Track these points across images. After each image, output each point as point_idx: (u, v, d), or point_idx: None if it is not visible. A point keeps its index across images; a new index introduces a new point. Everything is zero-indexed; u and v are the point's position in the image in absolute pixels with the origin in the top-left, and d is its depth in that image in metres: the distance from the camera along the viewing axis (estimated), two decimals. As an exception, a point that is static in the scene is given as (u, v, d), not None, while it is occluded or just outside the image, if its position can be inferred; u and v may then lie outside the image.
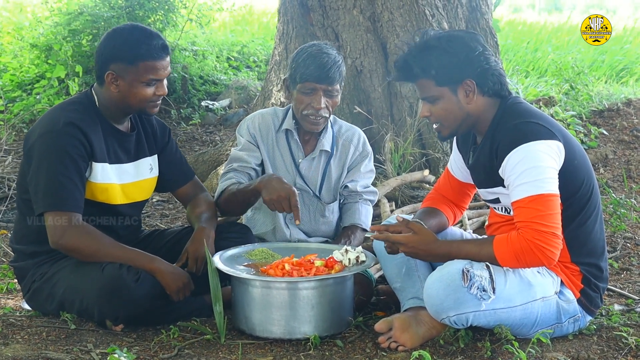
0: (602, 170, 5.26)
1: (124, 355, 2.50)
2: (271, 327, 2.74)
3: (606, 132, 5.69)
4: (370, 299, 3.14)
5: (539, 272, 2.66)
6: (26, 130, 5.92)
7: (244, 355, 2.64)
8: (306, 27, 5.15)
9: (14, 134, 6.17)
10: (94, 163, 2.88)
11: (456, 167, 3.02)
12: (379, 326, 2.71)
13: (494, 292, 2.55)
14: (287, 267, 2.79)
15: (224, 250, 3.00)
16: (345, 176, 3.41)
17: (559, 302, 2.68)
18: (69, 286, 2.84)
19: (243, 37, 9.30)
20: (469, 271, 2.53)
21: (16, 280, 3.20)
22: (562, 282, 2.71)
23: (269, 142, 3.34)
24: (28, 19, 8.14)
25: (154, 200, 5.01)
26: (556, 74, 6.98)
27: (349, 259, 2.85)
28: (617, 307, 3.08)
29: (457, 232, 3.07)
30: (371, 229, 2.84)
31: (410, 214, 3.74)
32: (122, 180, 3.00)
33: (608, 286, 3.18)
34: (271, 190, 2.99)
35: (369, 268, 2.96)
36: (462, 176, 3.01)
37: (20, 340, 2.70)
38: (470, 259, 2.60)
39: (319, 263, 2.83)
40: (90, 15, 6.57)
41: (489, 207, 2.94)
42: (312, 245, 3.17)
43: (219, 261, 2.86)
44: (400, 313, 2.78)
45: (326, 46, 3.21)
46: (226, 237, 3.11)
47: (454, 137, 2.96)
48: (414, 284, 2.82)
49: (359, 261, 2.87)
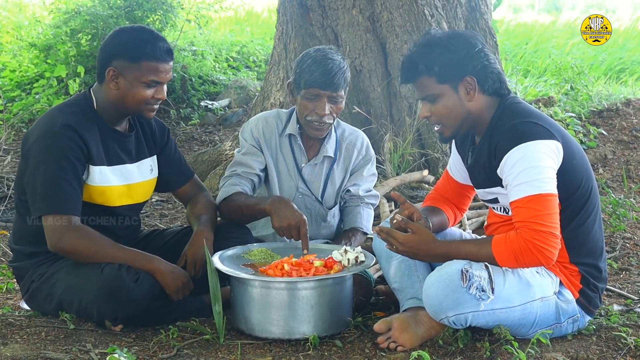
0: (601, 171, 5.26)
1: (123, 355, 2.50)
2: (270, 327, 2.74)
3: (605, 132, 5.69)
4: (370, 299, 3.14)
5: (537, 272, 2.66)
6: (25, 130, 5.93)
7: (243, 355, 2.64)
8: (305, 27, 5.15)
9: (13, 133, 6.17)
10: (90, 166, 2.87)
11: (455, 169, 3.02)
12: (378, 326, 2.70)
13: (492, 293, 2.55)
14: (286, 267, 2.79)
15: (224, 250, 2.99)
16: (347, 180, 3.40)
17: (558, 302, 2.68)
18: (68, 286, 2.83)
19: (242, 37, 9.30)
20: (467, 271, 2.54)
21: (15, 280, 3.20)
22: (561, 282, 2.71)
23: (272, 147, 3.32)
24: (27, 18, 8.14)
25: (153, 200, 5.01)
26: (555, 74, 6.98)
27: (348, 259, 2.85)
28: (616, 307, 3.07)
29: (456, 232, 3.08)
30: (374, 230, 2.83)
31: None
32: (126, 180, 2.99)
33: (607, 286, 3.19)
34: (282, 218, 2.97)
35: (368, 268, 2.96)
36: (461, 178, 3.01)
37: (19, 340, 2.69)
38: (469, 259, 2.60)
39: (318, 263, 2.83)
40: (88, 15, 6.57)
41: (487, 207, 2.94)
42: (312, 246, 3.16)
43: (218, 261, 2.85)
44: (399, 313, 2.78)
45: (331, 51, 3.17)
46: (225, 237, 3.10)
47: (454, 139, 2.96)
48: (413, 284, 2.82)
49: (358, 261, 2.86)
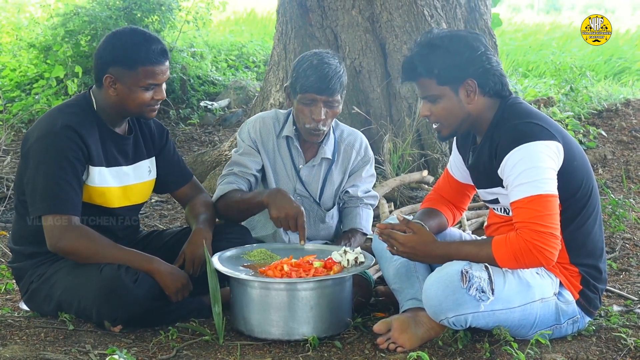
0: (600, 171, 5.26)
1: (123, 356, 2.50)
2: (270, 328, 2.73)
3: (605, 132, 5.69)
4: (369, 300, 3.13)
5: (537, 273, 2.66)
6: (25, 131, 5.91)
7: (242, 357, 2.64)
8: (305, 28, 5.14)
9: (12, 134, 6.16)
10: (90, 167, 2.87)
11: (455, 168, 3.02)
12: (377, 327, 2.70)
13: (492, 293, 2.55)
14: (286, 268, 2.79)
15: (223, 251, 2.99)
16: (346, 181, 3.39)
17: (557, 303, 2.68)
18: (67, 287, 2.83)
19: (242, 38, 9.29)
20: (467, 272, 2.53)
21: (14, 281, 3.20)
22: (561, 283, 2.70)
23: (269, 148, 3.31)
24: (27, 18, 8.14)
25: (153, 201, 5.01)
26: (555, 74, 6.99)
27: (347, 260, 2.85)
28: (616, 308, 3.07)
29: (456, 233, 3.07)
30: (377, 226, 2.81)
31: (409, 214, 3.73)
32: (122, 182, 2.99)
33: (607, 287, 3.18)
34: (280, 208, 2.97)
35: (367, 269, 2.95)
36: (461, 177, 3.01)
37: (19, 341, 2.69)
38: (469, 260, 2.60)
39: (317, 264, 2.83)
40: (86, 16, 6.56)
41: (488, 207, 2.94)
42: (311, 246, 3.16)
43: (218, 262, 2.85)
44: (399, 314, 2.78)
45: (328, 55, 3.16)
46: (225, 238, 3.10)
47: (454, 138, 2.96)
48: (412, 285, 2.81)
49: (358, 262, 2.86)
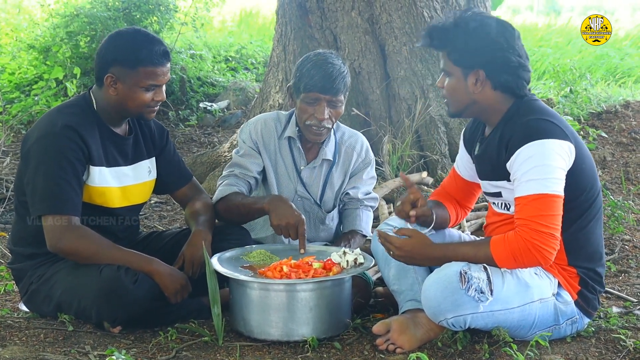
0: (600, 173, 5.25)
1: (122, 357, 2.50)
2: (269, 329, 2.74)
3: (604, 134, 5.69)
4: (368, 301, 3.14)
5: (536, 273, 2.66)
6: (24, 132, 5.92)
7: (242, 357, 2.64)
8: (304, 29, 5.14)
9: (12, 135, 6.16)
10: (91, 167, 2.88)
11: (462, 166, 3.01)
12: (376, 328, 2.71)
13: (491, 294, 2.55)
14: (285, 269, 2.79)
15: (222, 252, 2.99)
16: (347, 183, 3.39)
17: (556, 303, 2.68)
18: (67, 288, 2.83)
19: (241, 39, 9.29)
20: (466, 273, 2.53)
21: (14, 282, 3.20)
22: (559, 283, 2.71)
23: (270, 149, 3.31)
24: (26, 20, 8.14)
25: (152, 202, 5.00)
26: (554, 76, 6.98)
27: (347, 261, 2.85)
28: (615, 309, 3.07)
29: (455, 234, 3.07)
30: (377, 230, 2.81)
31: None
32: (121, 183, 2.99)
33: (606, 289, 3.18)
34: (281, 216, 2.97)
35: (367, 270, 2.96)
36: (468, 175, 3.00)
37: (18, 342, 2.69)
38: (467, 260, 2.60)
39: (317, 265, 2.83)
40: (87, 17, 6.57)
41: (488, 203, 2.94)
42: (310, 248, 3.16)
43: (217, 263, 2.85)
44: (398, 315, 2.78)
45: (332, 55, 3.17)
46: (224, 239, 3.10)
47: (462, 133, 2.98)
48: (411, 286, 2.81)
49: (357, 263, 2.87)
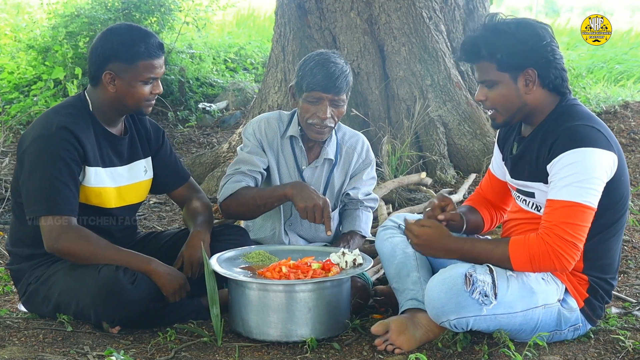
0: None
1: (121, 357, 2.50)
2: (268, 330, 2.73)
3: (603, 134, 5.69)
4: (367, 301, 3.13)
5: (543, 278, 2.64)
6: (23, 132, 5.91)
7: (240, 358, 2.64)
8: (303, 30, 5.15)
9: (11, 135, 6.16)
10: (86, 167, 2.87)
11: (497, 167, 2.95)
12: (375, 329, 2.70)
13: (495, 298, 2.54)
14: (284, 269, 2.79)
15: (221, 252, 2.99)
16: (347, 183, 3.39)
17: (560, 309, 2.66)
18: (65, 288, 2.83)
19: (240, 40, 9.29)
20: (472, 275, 2.52)
21: (12, 283, 3.20)
22: (566, 290, 2.68)
23: (274, 148, 3.31)
24: (25, 20, 8.13)
25: (151, 202, 5.00)
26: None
27: (345, 261, 2.85)
28: (614, 310, 3.07)
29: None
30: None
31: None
32: (116, 183, 2.99)
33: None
34: (307, 198, 2.97)
35: (365, 271, 2.96)
36: (502, 175, 2.94)
37: (17, 342, 2.69)
38: (482, 257, 2.58)
39: (316, 266, 2.83)
40: (87, 18, 6.57)
41: (512, 197, 2.90)
42: (309, 248, 3.16)
43: (216, 263, 2.85)
44: (397, 316, 2.78)
45: (334, 55, 3.17)
46: (223, 239, 3.10)
47: (497, 133, 2.92)
48: (414, 285, 2.80)
49: (356, 264, 2.87)
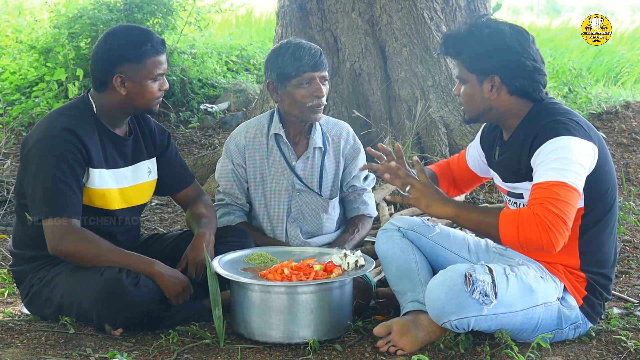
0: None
1: (123, 359, 2.50)
2: (270, 332, 2.74)
3: (604, 135, 5.69)
4: (369, 303, 3.14)
5: (542, 277, 2.66)
6: (25, 134, 5.91)
7: (243, 360, 2.65)
8: (305, 31, 5.14)
9: (12, 137, 6.16)
10: (90, 169, 2.88)
11: (471, 156, 3.05)
12: (377, 330, 2.71)
13: (495, 297, 2.55)
14: (286, 271, 2.79)
15: (223, 254, 2.99)
16: (342, 171, 3.46)
17: (560, 308, 2.67)
18: (68, 290, 2.83)
19: (242, 40, 9.29)
20: (471, 275, 2.53)
21: (15, 285, 3.20)
22: (565, 288, 2.70)
23: (257, 154, 3.37)
24: (27, 21, 8.13)
25: (153, 204, 5.00)
26: (554, 76, 6.98)
27: (347, 263, 2.86)
28: (616, 310, 3.07)
29: (459, 235, 3.04)
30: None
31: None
32: (119, 184, 2.99)
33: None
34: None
35: (367, 272, 2.96)
36: (473, 165, 3.04)
37: (19, 344, 2.70)
38: (472, 223, 2.63)
39: (318, 267, 2.83)
40: (89, 19, 6.57)
41: (504, 202, 2.94)
42: (311, 249, 3.18)
43: (218, 265, 2.85)
44: (399, 317, 2.78)
45: (301, 40, 3.31)
46: (225, 241, 3.10)
47: (482, 128, 3.00)
48: (414, 287, 2.81)
49: (358, 265, 2.87)
